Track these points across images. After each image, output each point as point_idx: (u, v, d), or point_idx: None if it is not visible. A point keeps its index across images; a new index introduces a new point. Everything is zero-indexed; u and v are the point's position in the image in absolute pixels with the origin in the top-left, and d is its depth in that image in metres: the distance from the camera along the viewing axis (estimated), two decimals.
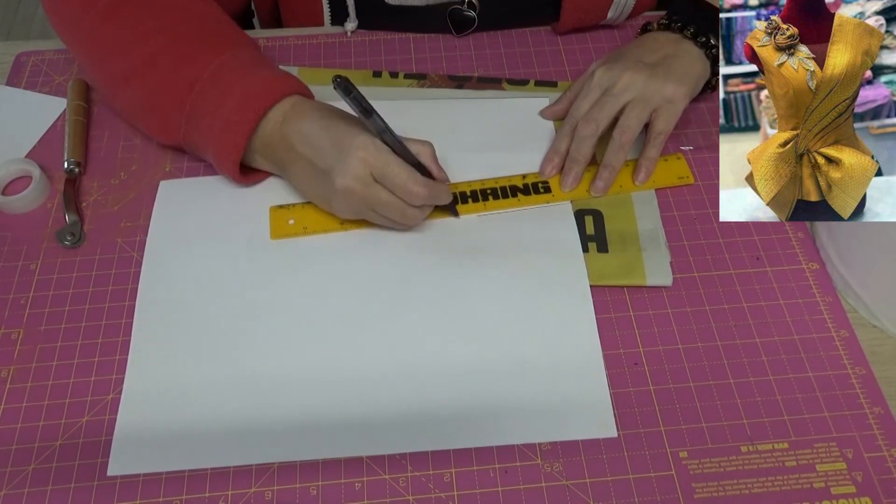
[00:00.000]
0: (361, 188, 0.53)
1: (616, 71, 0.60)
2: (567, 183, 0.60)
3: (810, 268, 0.57)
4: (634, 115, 0.58)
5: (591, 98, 0.60)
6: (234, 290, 0.56)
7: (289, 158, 0.57)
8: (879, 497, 0.47)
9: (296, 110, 0.56)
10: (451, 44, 0.72)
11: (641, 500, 0.47)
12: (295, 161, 0.56)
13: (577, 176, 0.60)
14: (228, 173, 0.58)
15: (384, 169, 0.53)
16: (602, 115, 0.59)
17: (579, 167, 0.60)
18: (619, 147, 0.59)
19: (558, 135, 0.62)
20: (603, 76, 0.60)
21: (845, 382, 0.52)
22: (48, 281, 0.57)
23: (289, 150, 0.56)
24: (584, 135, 0.59)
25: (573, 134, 0.60)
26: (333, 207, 0.56)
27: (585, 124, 0.59)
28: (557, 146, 0.62)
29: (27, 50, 0.72)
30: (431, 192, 0.54)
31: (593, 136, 0.59)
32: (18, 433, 0.50)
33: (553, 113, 0.66)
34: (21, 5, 1.95)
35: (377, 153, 0.53)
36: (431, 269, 0.57)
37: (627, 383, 0.52)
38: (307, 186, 0.58)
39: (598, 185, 0.60)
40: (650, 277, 0.56)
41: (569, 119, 0.62)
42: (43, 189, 0.61)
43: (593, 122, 0.59)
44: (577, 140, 0.60)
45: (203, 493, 0.47)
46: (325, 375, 0.52)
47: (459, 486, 0.48)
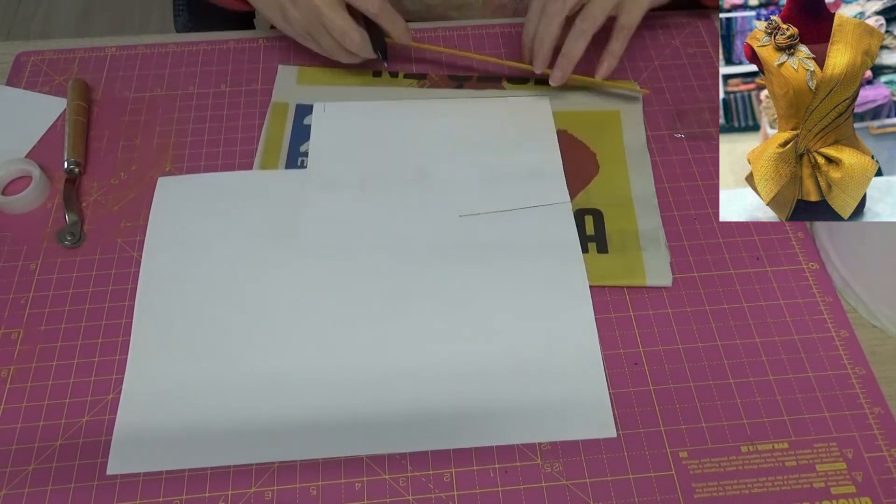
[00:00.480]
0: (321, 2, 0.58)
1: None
2: (537, 65, 0.61)
3: (810, 268, 0.57)
4: (599, 5, 0.58)
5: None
6: (232, 288, 0.56)
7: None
8: (879, 497, 0.47)
9: None
10: (452, 44, 0.72)
11: (641, 500, 0.47)
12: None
13: (546, 59, 0.60)
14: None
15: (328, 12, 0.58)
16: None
17: (546, 49, 0.60)
18: (580, 34, 0.59)
19: (527, 18, 0.62)
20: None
21: (845, 382, 0.52)
22: (48, 281, 0.57)
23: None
24: (552, 12, 0.59)
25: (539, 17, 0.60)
26: (289, 19, 0.60)
27: (553, 3, 0.59)
28: (527, 29, 0.62)
29: (27, 50, 0.72)
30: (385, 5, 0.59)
31: (560, 14, 0.59)
32: (18, 433, 0.50)
33: None
34: (21, 5, 1.95)
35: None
36: (431, 269, 0.57)
37: (627, 383, 0.52)
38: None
39: (556, 75, 0.61)
40: (650, 277, 0.56)
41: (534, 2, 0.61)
42: (43, 189, 0.61)
43: (560, 1, 0.58)
44: (546, 17, 0.59)
45: (203, 493, 0.47)
46: (324, 375, 0.52)
47: (459, 486, 0.48)
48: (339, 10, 0.59)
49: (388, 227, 0.59)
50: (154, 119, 0.67)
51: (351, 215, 0.60)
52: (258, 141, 0.65)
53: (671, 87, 0.69)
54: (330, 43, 0.62)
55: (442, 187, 0.61)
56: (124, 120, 0.67)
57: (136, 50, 0.72)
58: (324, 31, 0.60)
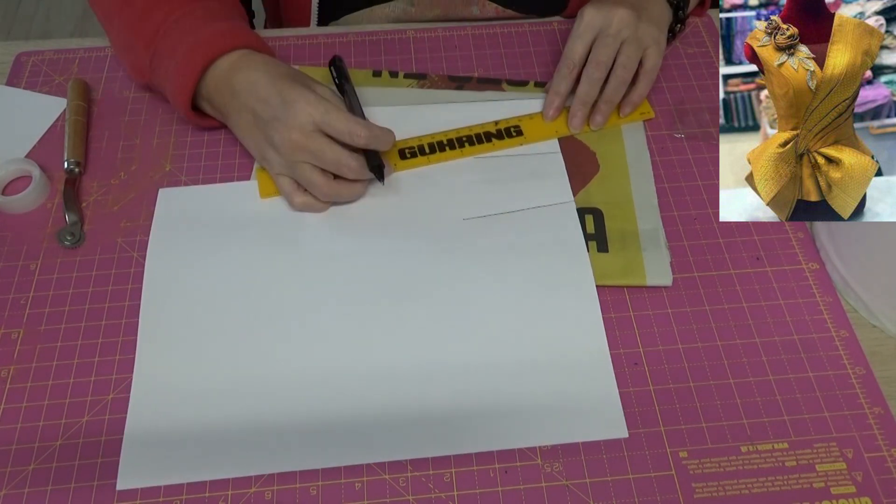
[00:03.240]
0: (303, 138, 0.55)
1: (606, 11, 0.61)
2: (575, 125, 0.64)
3: (810, 268, 0.57)
4: (632, 54, 0.61)
5: (585, 39, 0.62)
6: (236, 299, 0.55)
7: (233, 107, 0.59)
8: (879, 497, 0.47)
9: (244, 61, 0.58)
10: (452, 44, 0.72)
11: (641, 500, 0.47)
12: (239, 110, 0.58)
13: (584, 116, 0.64)
14: (182, 114, 0.62)
15: (325, 116, 0.54)
16: (608, 56, 0.61)
17: (587, 108, 0.64)
18: (622, 83, 0.62)
19: (556, 77, 0.64)
20: (594, 17, 0.62)
21: (845, 382, 0.52)
22: (48, 281, 0.57)
23: (233, 99, 0.58)
24: (596, 77, 0.62)
25: (573, 75, 0.63)
26: (268, 157, 0.58)
27: (596, 67, 0.62)
28: (557, 88, 0.64)
29: (27, 50, 0.72)
30: (373, 132, 0.55)
31: (602, 79, 0.62)
32: (18, 433, 0.50)
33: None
34: (21, 5, 1.95)
35: (319, 102, 0.55)
36: (437, 273, 0.56)
37: (627, 383, 0.52)
38: (248, 135, 0.59)
39: (597, 120, 0.64)
40: (650, 277, 0.56)
41: (565, 61, 0.63)
42: (43, 189, 0.61)
43: (603, 65, 0.62)
44: (589, 82, 0.63)
45: (203, 494, 0.47)
46: (331, 380, 0.52)
47: (459, 486, 0.48)
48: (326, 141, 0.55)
49: (391, 231, 0.59)
50: (154, 119, 0.67)
51: (353, 221, 0.59)
52: None
53: (671, 87, 0.69)
54: (311, 177, 0.56)
55: (445, 190, 0.61)
56: (124, 120, 0.67)
57: None
58: (307, 167, 0.56)
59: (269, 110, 0.56)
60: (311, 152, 0.55)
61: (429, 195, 0.61)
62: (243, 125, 0.59)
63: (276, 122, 0.55)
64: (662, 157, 0.64)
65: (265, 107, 0.56)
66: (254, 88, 0.57)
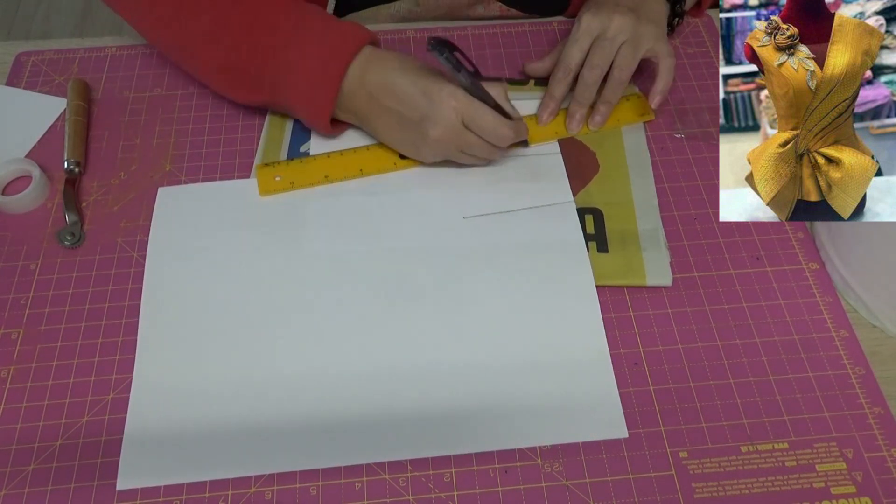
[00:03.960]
0: (453, 136, 0.57)
1: (603, 16, 0.61)
2: (573, 126, 0.65)
3: (810, 268, 0.57)
4: (630, 55, 0.62)
5: (582, 44, 0.62)
6: (237, 299, 0.55)
7: (373, 111, 0.59)
8: (879, 497, 0.47)
9: (372, 62, 0.58)
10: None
11: (641, 500, 0.47)
12: (380, 114, 0.59)
13: (582, 118, 0.65)
14: (321, 130, 0.62)
15: (474, 115, 0.57)
16: (604, 59, 0.62)
17: (584, 110, 0.65)
18: (619, 84, 0.63)
19: (552, 81, 0.65)
20: (592, 22, 0.62)
21: (845, 382, 0.52)
22: (48, 281, 0.57)
23: (371, 101, 0.59)
24: (591, 81, 0.62)
25: (568, 80, 0.64)
26: (422, 154, 0.60)
27: (591, 71, 0.62)
28: (553, 92, 0.64)
29: (27, 50, 0.72)
30: (515, 131, 0.58)
31: (598, 82, 0.63)
32: (18, 433, 0.50)
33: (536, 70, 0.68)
34: (21, 5, 1.95)
35: (467, 102, 0.56)
36: (436, 271, 0.56)
37: (627, 383, 0.52)
38: (394, 136, 0.60)
39: (596, 120, 0.65)
40: (650, 277, 0.56)
41: (561, 65, 0.64)
42: (43, 189, 0.61)
43: (597, 67, 0.62)
44: (585, 86, 0.63)
45: (203, 494, 0.47)
46: (331, 379, 0.52)
47: (459, 486, 0.48)
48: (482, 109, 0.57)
49: (391, 230, 0.59)
50: (154, 119, 0.67)
51: (353, 219, 0.59)
52: (258, 141, 0.65)
53: (671, 87, 0.68)
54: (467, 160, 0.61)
55: (445, 189, 0.61)
56: (124, 120, 0.67)
57: (136, 50, 0.72)
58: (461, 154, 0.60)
59: (416, 111, 0.57)
60: (464, 144, 0.58)
61: (429, 195, 0.61)
62: (386, 127, 0.60)
63: (427, 122, 0.57)
64: (662, 157, 0.64)
65: (411, 108, 0.57)
66: (392, 90, 0.57)
